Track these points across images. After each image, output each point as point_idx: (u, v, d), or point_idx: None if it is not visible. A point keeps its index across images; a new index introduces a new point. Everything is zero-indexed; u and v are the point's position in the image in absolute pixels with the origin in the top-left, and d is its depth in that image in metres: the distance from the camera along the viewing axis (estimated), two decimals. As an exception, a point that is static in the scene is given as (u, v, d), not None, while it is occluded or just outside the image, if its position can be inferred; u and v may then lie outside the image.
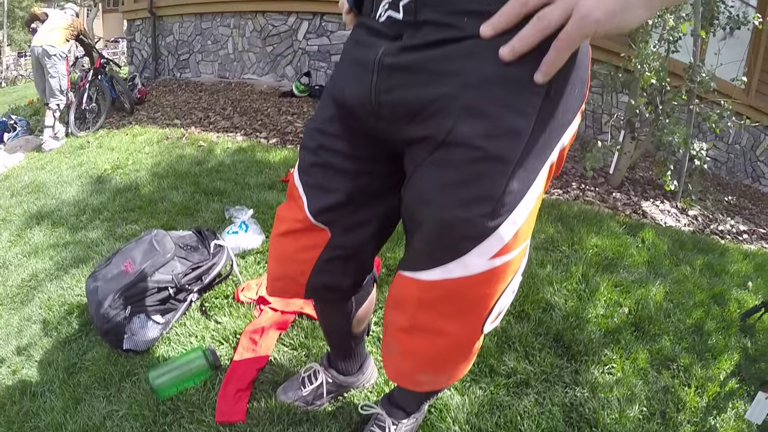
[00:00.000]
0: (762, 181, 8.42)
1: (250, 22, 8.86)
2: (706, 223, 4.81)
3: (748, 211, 6.05)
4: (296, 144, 5.19)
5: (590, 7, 0.69)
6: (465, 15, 0.80)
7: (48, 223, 3.71)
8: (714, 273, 3.41)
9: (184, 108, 7.16)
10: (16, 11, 32.99)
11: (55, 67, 6.16)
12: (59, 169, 5.07)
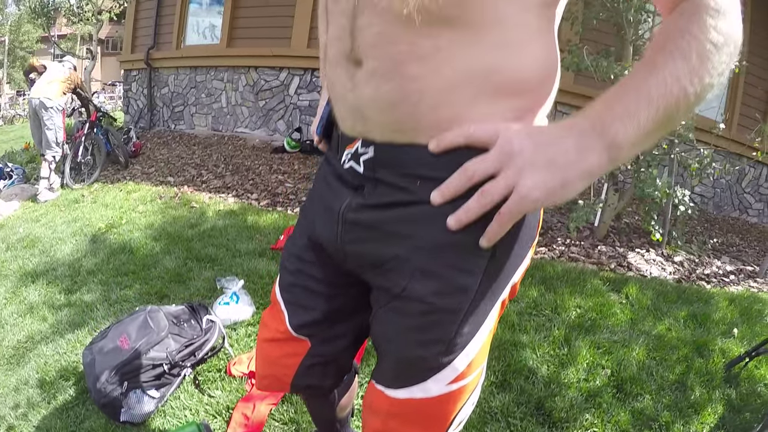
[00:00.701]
0: (749, 212, 8.65)
1: (243, 76, 9.12)
2: (692, 269, 4.83)
3: (735, 247, 6.12)
4: (286, 206, 5.37)
5: (530, 187, 0.73)
6: (418, 179, 0.87)
7: (43, 281, 3.80)
8: (698, 323, 3.45)
9: (178, 164, 7.33)
10: (16, 51, 33.33)
11: (52, 119, 6.31)
12: (54, 223, 5.18)
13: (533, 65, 0.84)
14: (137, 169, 7.21)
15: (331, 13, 0.93)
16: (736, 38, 0.75)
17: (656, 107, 0.71)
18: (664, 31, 0.76)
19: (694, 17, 0.73)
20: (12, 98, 29.66)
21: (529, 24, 0.81)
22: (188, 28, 10.20)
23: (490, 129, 0.79)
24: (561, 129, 0.76)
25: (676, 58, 0.72)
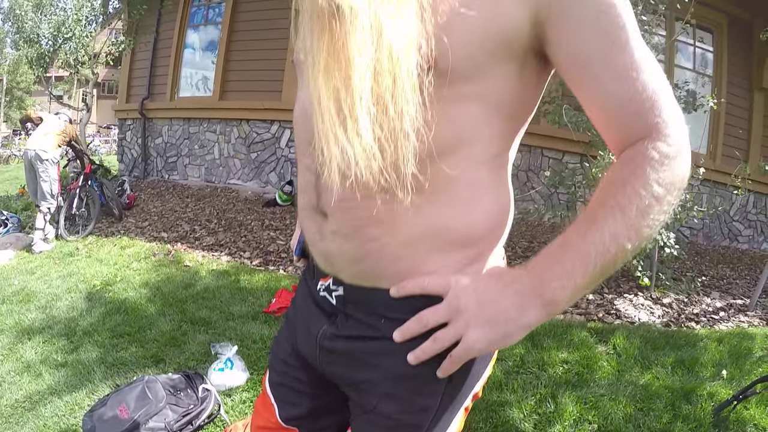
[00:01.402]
0: (739, 239, 8.88)
1: (235, 129, 9.36)
2: (680, 310, 4.86)
3: (725, 280, 6.19)
4: (278, 265, 5.51)
5: (474, 339, 0.83)
6: (382, 317, 0.95)
7: (40, 339, 3.91)
8: (686, 368, 3.51)
9: (171, 217, 7.47)
10: (14, 91, 33.55)
11: (47, 171, 6.45)
12: (49, 276, 5.29)
13: (484, 218, 0.92)
14: (131, 223, 7.34)
15: (299, 162, 1.04)
16: (681, 182, 0.81)
17: (593, 265, 0.78)
18: (608, 181, 0.83)
19: (637, 170, 0.79)
20: (8, 137, 29.82)
21: (480, 180, 0.90)
22: (182, 80, 10.48)
23: (442, 282, 0.88)
24: (504, 286, 0.86)
25: (616, 215, 0.78)
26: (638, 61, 0.79)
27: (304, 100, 0.96)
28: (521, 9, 0.79)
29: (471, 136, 0.86)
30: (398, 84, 0.73)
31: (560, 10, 0.78)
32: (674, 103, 0.81)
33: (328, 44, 0.72)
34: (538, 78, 0.90)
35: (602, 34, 0.78)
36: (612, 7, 0.78)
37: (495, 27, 0.79)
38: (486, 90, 0.84)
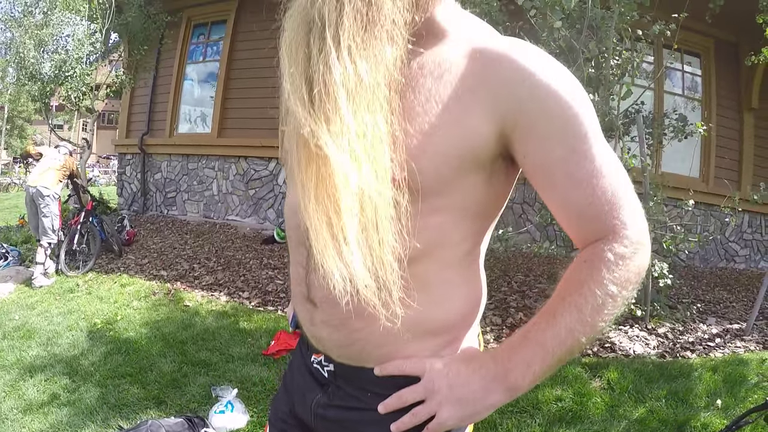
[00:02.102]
0: (736, 259, 8.94)
1: (233, 165, 9.51)
2: (676, 339, 4.91)
3: (722, 304, 6.23)
4: (277, 306, 5.60)
5: (446, 416, 0.93)
6: (368, 392, 1.04)
7: (42, 377, 3.98)
8: (680, 400, 3.56)
9: (170, 255, 7.58)
10: (15, 119, 33.79)
11: (49, 207, 6.56)
12: (50, 312, 5.38)
13: (459, 310, 1.02)
14: (131, 259, 7.44)
15: (291, 255, 1.11)
16: (638, 276, 0.89)
17: (551, 355, 0.87)
18: (567, 279, 0.92)
19: (593, 272, 0.87)
20: (8, 164, 30.02)
21: (453, 278, 0.99)
22: (181, 117, 10.67)
23: (419, 365, 0.98)
24: (473, 371, 0.95)
25: (573, 312, 0.86)
26: (599, 168, 0.86)
27: (293, 199, 1.03)
28: (487, 125, 0.86)
29: (443, 241, 0.94)
30: (380, 214, 0.81)
31: (525, 123, 0.85)
32: (633, 203, 0.89)
33: (316, 174, 0.81)
34: (507, 178, 0.98)
35: (565, 145, 0.86)
36: (574, 118, 0.86)
37: (462, 144, 0.87)
38: (455, 200, 0.92)
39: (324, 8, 0.80)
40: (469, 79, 0.87)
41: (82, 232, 7.12)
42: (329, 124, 0.79)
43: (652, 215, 4.98)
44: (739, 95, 9.19)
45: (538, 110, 0.84)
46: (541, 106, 0.84)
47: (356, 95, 0.79)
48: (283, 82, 0.87)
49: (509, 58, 0.86)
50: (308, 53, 0.82)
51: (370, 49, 0.80)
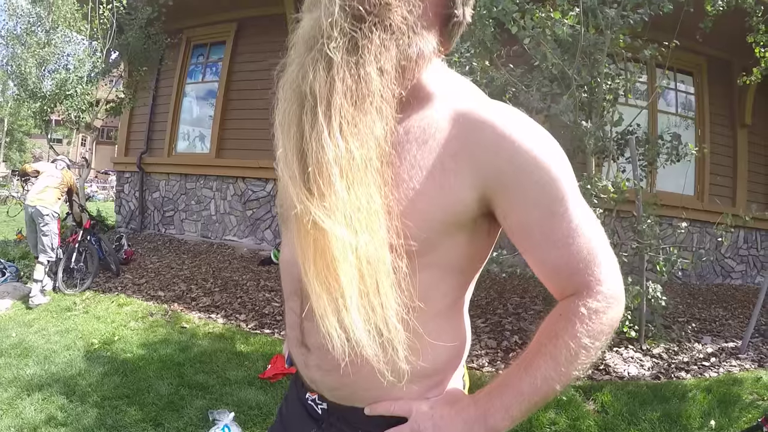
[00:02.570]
0: (732, 275, 8.97)
1: (231, 186, 9.57)
2: (670, 359, 4.94)
3: (718, 322, 6.25)
4: (273, 329, 5.62)
5: None
6: (359, 428, 1.09)
7: (39, 397, 3.98)
8: (673, 422, 3.58)
9: (168, 275, 7.60)
10: (15, 133, 33.87)
11: (48, 226, 6.59)
12: (47, 331, 5.38)
13: (444, 356, 1.06)
14: (128, 279, 7.46)
15: (286, 302, 1.15)
16: (611, 328, 0.93)
17: (528, 401, 0.92)
18: (543, 330, 0.96)
19: (568, 325, 0.91)
20: (6, 177, 30.08)
21: (438, 328, 1.02)
22: (179, 136, 10.77)
23: (406, 407, 1.03)
24: (456, 414, 0.99)
25: (548, 362, 0.91)
26: (575, 228, 0.91)
27: (288, 251, 1.08)
28: (469, 190, 0.91)
29: (428, 295, 0.97)
30: (382, 281, 0.86)
31: (504, 189, 0.90)
32: (608, 258, 0.94)
33: (314, 246, 0.85)
34: (489, 235, 1.03)
35: (542, 209, 0.90)
36: (552, 182, 0.90)
37: (446, 210, 0.92)
38: (440, 258, 0.97)
39: (315, 84, 0.85)
40: (452, 143, 0.92)
41: (80, 250, 7.16)
42: (323, 200, 0.83)
43: (645, 239, 5.05)
44: (732, 112, 9.30)
45: (517, 177, 0.89)
46: (520, 173, 0.89)
47: (349, 171, 0.84)
48: (278, 152, 0.92)
49: (491, 125, 0.91)
50: (301, 129, 0.87)
51: (360, 125, 0.85)
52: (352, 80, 0.85)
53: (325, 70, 0.85)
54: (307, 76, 0.87)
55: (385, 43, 0.88)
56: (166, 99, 10.85)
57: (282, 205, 1.05)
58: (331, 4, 0.87)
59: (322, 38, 0.86)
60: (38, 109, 9.39)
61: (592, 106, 5.18)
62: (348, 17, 0.87)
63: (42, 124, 10.06)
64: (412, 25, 0.92)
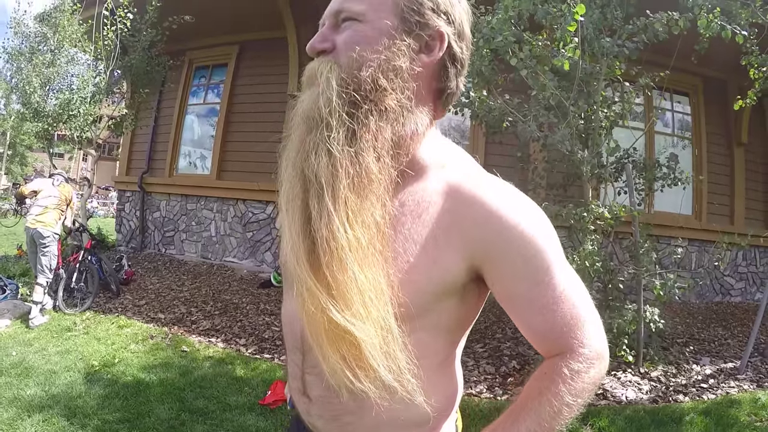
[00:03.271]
0: (732, 293, 9.01)
1: (231, 208, 9.63)
2: (669, 382, 4.93)
3: (717, 342, 6.25)
4: (273, 353, 5.64)
5: None
6: None
7: (40, 418, 3.99)
8: None
9: (168, 297, 7.64)
10: (17, 146, 33.94)
11: (48, 247, 6.61)
12: (47, 351, 5.40)
13: (437, 406, 1.07)
14: (128, 300, 7.49)
15: (288, 356, 1.20)
16: (593, 386, 0.98)
17: None
18: (529, 387, 1.00)
19: (551, 384, 0.96)
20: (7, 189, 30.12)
21: (431, 381, 1.04)
22: (180, 157, 10.86)
23: None
24: None
25: (533, 417, 0.95)
26: (560, 295, 0.96)
27: (291, 307, 1.10)
28: (459, 262, 0.96)
29: (422, 354, 0.99)
30: (392, 347, 0.91)
31: (492, 260, 0.96)
32: (591, 321, 0.99)
33: (324, 326, 0.90)
34: (479, 297, 1.07)
35: (528, 279, 0.95)
36: (538, 254, 0.95)
37: (437, 281, 0.97)
38: (432, 321, 1.01)
39: (318, 169, 0.91)
40: (445, 217, 0.98)
41: (80, 269, 7.19)
42: (335, 284, 0.89)
43: (642, 265, 5.11)
44: (728, 131, 9.40)
45: (505, 250, 0.95)
46: (507, 247, 0.95)
47: (357, 255, 0.89)
48: (282, 230, 0.99)
49: (480, 201, 0.96)
50: (307, 213, 0.93)
51: (364, 213, 0.91)
52: (353, 170, 0.91)
53: (326, 157, 0.91)
54: (309, 159, 0.93)
55: (381, 129, 0.95)
56: (168, 119, 10.96)
57: (284, 263, 1.08)
58: (329, 89, 0.94)
59: (322, 125, 0.93)
60: (41, 129, 9.46)
61: (588, 134, 5.26)
62: (345, 104, 0.93)
63: (45, 143, 10.12)
64: (407, 105, 0.98)
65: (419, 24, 1.00)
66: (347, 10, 1.00)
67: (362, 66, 0.95)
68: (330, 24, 1.04)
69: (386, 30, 0.98)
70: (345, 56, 0.97)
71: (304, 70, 1.04)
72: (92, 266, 7.38)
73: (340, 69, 0.97)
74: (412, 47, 0.99)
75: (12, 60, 9.64)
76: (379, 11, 0.99)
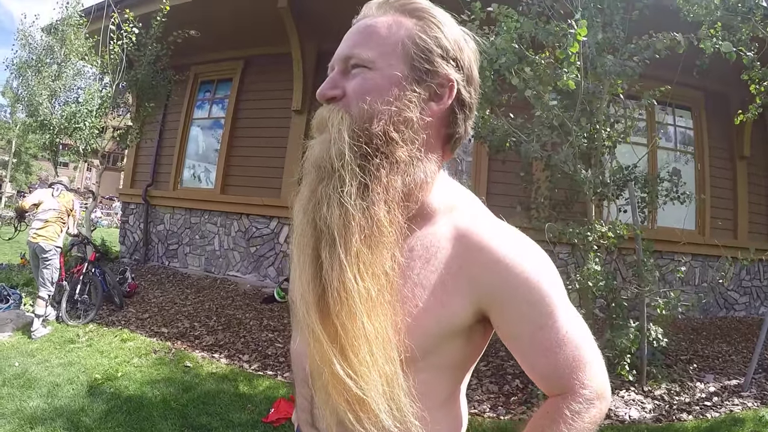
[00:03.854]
0: (736, 307, 9.00)
1: (235, 222, 9.68)
2: (672, 400, 4.91)
3: (721, 359, 6.22)
4: (276, 370, 5.62)
5: None
6: None
7: (42, 430, 4.01)
8: None
9: (171, 311, 7.65)
10: (22, 155, 34.08)
11: (50, 261, 6.64)
12: (50, 362, 5.42)
13: None
14: (132, 313, 7.50)
15: (296, 385, 1.22)
16: (594, 424, 0.98)
17: None
18: (533, 425, 1.02)
19: (553, 424, 0.97)
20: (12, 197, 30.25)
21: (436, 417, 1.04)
22: (185, 171, 10.97)
23: None
24: None
25: None
26: (562, 338, 0.98)
27: (300, 345, 1.13)
28: (467, 306, 0.98)
29: (426, 392, 1.00)
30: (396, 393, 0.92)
31: (498, 305, 0.97)
32: (593, 362, 1.01)
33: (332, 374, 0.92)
34: (484, 335, 1.08)
35: (532, 323, 0.97)
36: (542, 299, 0.97)
37: (444, 324, 0.98)
38: (437, 361, 1.03)
39: (331, 221, 0.93)
40: (453, 262, 1.00)
41: (84, 281, 7.21)
42: (344, 332, 0.91)
43: (645, 284, 5.12)
44: (731, 145, 9.41)
45: (511, 296, 0.97)
46: (513, 292, 0.97)
47: (366, 306, 0.91)
48: (294, 274, 1.01)
49: (488, 247, 0.98)
50: (318, 261, 0.95)
51: (375, 264, 0.93)
52: (365, 223, 0.93)
53: (338, 209, 0.93)
54: (321, 209, 0.95)
55: (392, 181, 0.96)
56: (173, 133, 11.06)
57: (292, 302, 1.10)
58: (341, 141, 0.96)
59: (334, 177, 0.95)
60: (48, 141, 9.52)
61: (591, 153, 5.29)
62: (357, 157, 0.95)
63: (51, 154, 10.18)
64: (417, 156, 1.00)
65: (429, 72, 1.01)
66: (357, 57, 1.00)
67: (373, 118, 0.96)
68: (339, 69, 1.04)
69: (397, 80, 0.99)
70: (356, 106, 0.98)
71: (314, 116, 1.05)
72: (96, 278, 7.40)
73: (351, 120, 0.97)
74: (422, 96, 1.00)
75: (20, 72, 9.72)
76: (389, 59, 0.99)
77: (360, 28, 1.04)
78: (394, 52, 1.00)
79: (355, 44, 1.02)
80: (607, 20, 5.17)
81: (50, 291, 6.66)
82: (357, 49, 1.01)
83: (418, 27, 1.02)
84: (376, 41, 1.01)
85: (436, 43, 1.02)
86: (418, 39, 1.01)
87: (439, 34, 1.02)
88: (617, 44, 5.17)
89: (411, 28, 1.02)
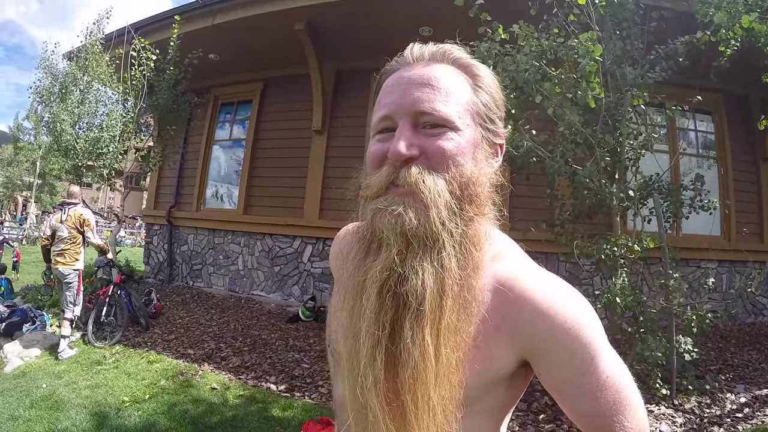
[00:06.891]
0: (765, 312, 8.82)
1: (258, 242, 9.77)
2: (702, 414, 4.86)
3: (751, 367, 6.13)
4: (304, 392, 5.62)
5: None
6: None
7: None
8: None
9: (197, 332, 7.70)
10: (47, 176, 34.57)
11: (72, 283, 6.77)
12: (77, 384, 5.48)
13: None
14: (157, 334, 7.57)
15: (337, 427, 1.21)
16: None
17: None
18: None
19: None
20: (38, 216, 30.72)
21: None
22: (207, 192, 11.10)
23: None
24: None
25: None
26: (603, 382, 0.97)
27: (341, 393, 1.11)
28: (510, 356, 0.99)
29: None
30: None
31: (540, 354, 0.98)
32: (634, 404, 1.01)
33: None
34: (525, 377, 1.08)
35: (573, 370, 0.97)
36: (584, 347, 0.97)
37: (489, 374, 0.99)
38: (480, 408, 1.03)
39: (421, 293, 0.91)
40: (495, 315, 0.99)
41: (110, 303, 7.32)
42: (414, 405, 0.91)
43: (672, 296, 5.06)
44: (753, 147, 9.33)
45: (552, 345, 0.96)
46: (555, 342, 0.96)
47: (441, 378, 0.92)
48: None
49: (529, 300, 0.98)
50: (392, 327, 0.94)
51: (459, 333, 0.94)
52: (461, 293, 0.94)
53: (434, 281, 0.92)
54: (409, 281, 0.92)
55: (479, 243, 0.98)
56: (195, 155, 11.20)
57: (333, 347, 1.11)
58: (440, 208, 0.93)
59: (436, 247, 0.93)
60: (71, 167, 9.66)
61: (615, 167, 5.26)
62: (459, 225, 0.95)
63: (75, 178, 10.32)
64: (490, 215, 1.04)
65: (494, 133, 1.04)
66: (435, 115, 0.96)
67: (468, 183, 0.96)
68: (410, 125, 0.97)
69: (476, 142, 1.00)
70: (445, 170, 0.96)
71: (379, 172, 0.98)
72: (121, 300, 7.51)
73: (445, 185, 0.95)
74: (493, 156, 1.04)
75: (43, 99, 9.90)
76: (465, 119, 0.99)
77: (427, 79, 0.99)
78: (468, 112, 1.00)
79: (429, 99, 0.97)
80: (625, 33, 5.16)
81: (74, 312, 6.76)
82: (432, 105, 0.97)
83: (477, 86, 1.03)
84: (453, 100, 0.98)
85: (495, 104, 1.04)
86: (484, 100, 1.03)
87: (496, 95, 1.05)
88: (636, 56, 5.15)
89: (472, 86, 1.03)
